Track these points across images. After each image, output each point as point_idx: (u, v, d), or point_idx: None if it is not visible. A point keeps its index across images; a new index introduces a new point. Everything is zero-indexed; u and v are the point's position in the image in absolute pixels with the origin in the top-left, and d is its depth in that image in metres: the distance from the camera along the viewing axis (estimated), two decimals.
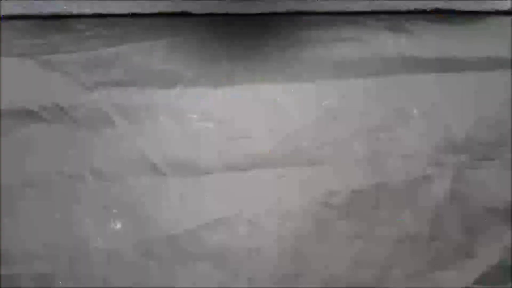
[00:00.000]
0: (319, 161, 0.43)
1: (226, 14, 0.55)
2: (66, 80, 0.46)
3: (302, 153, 0.43)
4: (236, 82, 0.48)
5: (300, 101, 0.47)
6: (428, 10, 0.56)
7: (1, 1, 0.53)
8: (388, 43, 0.53)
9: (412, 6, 0.55)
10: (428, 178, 0.42)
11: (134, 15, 0.53)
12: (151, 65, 0.49)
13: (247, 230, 0.39)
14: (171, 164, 0.42)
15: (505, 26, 0.57)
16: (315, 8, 0.55)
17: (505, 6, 0.57)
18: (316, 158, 0.43)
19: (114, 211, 0.39)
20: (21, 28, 0.52)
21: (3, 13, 0.52)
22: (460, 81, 0.49)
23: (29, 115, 0.44)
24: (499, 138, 0.45)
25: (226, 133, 0.44)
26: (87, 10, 0.52)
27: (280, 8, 0.55)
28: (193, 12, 0.54)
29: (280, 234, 0.39)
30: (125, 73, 0.47)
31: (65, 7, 0.52)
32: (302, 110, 0.46)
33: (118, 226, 0.39)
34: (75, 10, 0.52)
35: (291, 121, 0.45)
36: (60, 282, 0.38)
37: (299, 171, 0.42)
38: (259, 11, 0.54)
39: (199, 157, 0.43)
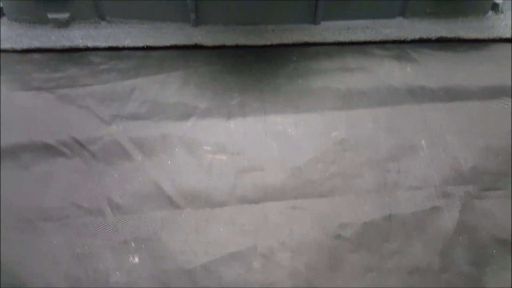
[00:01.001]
0: (330, 193, 0.43)
1: (237, 46, 0.55)
2: (83, 113, 0.46)
3: (313, 185, 0.43)
4: (248, 113, 0.48)
5: (310, 133, 0.46)
6: (432, 39, 0.56)
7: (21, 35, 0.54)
8: (394, 72, 0.53)
9: (417, 35, 0.55)
10: (437, 209, 0.42)
11: (148, 48, 0.54)
12: (165, 97, 0.49)
13: (261, 264, 0.38)
14: (186, 196, 0.42)
15: (508, 53, 0.57)
16: (322, 39, 0.54)
17: (507, 34, 0.57)
18: (327, 190, 0.43)
19: (132, 244, 0.40)
20: (39, 61, 0.52)
21: (22, 46, 0.53)
22: (466, 110, 0.48)
23: (48, 149, 0.43)
24: (506, 168, 0.44)
25: (239, 165, 0.44)
26: (103, 44, 0.52)
27: (288, 39, 0.54)
28: (205, 44, 0.53)
29: (293, 268, 0.39)
30: (141, 106, 0.47)
31: (81, 40, 0.53)
32: (312, 142, 0.45)
33: (136, 260, 0.39)
34: (91, 44, 0.52)
35: (302, 152, 0.44)
36: None
37: (310, 203, 0.42)
38: (268, 43, 0.55)
39: (213, 190, 0.42)
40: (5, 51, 0.51)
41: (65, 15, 0.52)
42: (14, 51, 0.51)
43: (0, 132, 0.44)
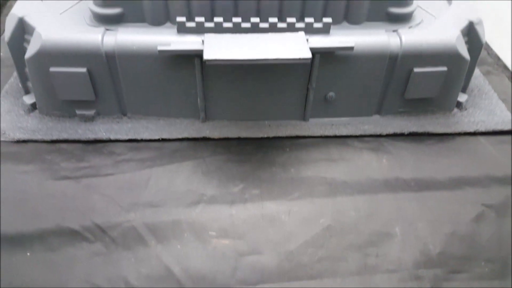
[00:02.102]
0: (319, 275, 0.48)
1: (239, 138, 0.63)
2: (106, 201, 0.52)
3: (303, 268, 0.48)
4: (248, 200, 0.55)
5: (301, 219, 0.52)
6: (405, 133, 0.65)
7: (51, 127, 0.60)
8: (372, 163, 0.60)
9: (391, 130, 0.64)
10: None
11: (163, 140, 0.61)
12: (177, 185, 0.55)
13: None
14: (193, 279, 0.47)
15: (472, 146, 0.65)
16: (310, 133, 0.63)
17: (471, 128, 0.66)
18: (316, 273, 0.48)
19: None
20: (67, 151, 0.59)
21: (51, 138, 0.60)
22: (434, 200, 0.55)
23: (73, 234, 0.49)
24: (470, 252, 0.51)
25: (239, 249, 0.49)
26: (124, 137, 0.60)
27: (282, 132, 0.63)
28: (212, 137, 0.62)
29: None
30: (156, 194, 0.54)
31: (104, 133, 0.60)
32: (303, 227, 0.52)
33: None
34: (113, 136, 0.60)
35: (294, 237, 0.51)
36: None
37: (301, 285, 0.47)
38: (265, 136, 0.63)
39: (217, 272, 0.47)
40: (36, 141, 0.58)
41: (91, 112, 0.59)
42: (44, 141, 0.58)
43: (29, 219, 0.50)
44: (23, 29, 0.57)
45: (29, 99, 0.61)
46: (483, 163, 0.60)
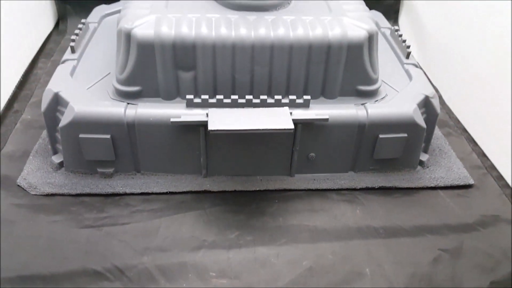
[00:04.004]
0: None
1: (235, 191, 0.75)
2: (123, 246, 0.64)
3: None
4: (242, 245, 0.66)
5: (287, 261, 0.64)
6: (375, 187, 0.78)
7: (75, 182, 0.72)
8: (347, 213, 0.73)
9: (364, 185, 0.76)
10: None
11: (171, 193, 0.73)
12: (182, 233, 0.67)
13: None
14: None
15: (432, 199, 0.78)
16: (295, 186, 0.75)
17: (432, 183, 0.79)
18: None
19: None
20: (89, 203, 0.71)
21: (75, 192, 0.72)
22: (400, 245, 0.68)
23: (97, 274, 0.60)
24: None
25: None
26: (137, 190, 0.72)
27: (272, 186, 0.75)
28: (212, 190, 0.74)
29: None
30: (164, 240, 0.65)
31: (121, 188, 0.72)
32: (289, 268, 0.63)
33: None
34: (128, 190, 0.72)
35: (282, 277, 0.61)
36: None
37: None
38: (257, 189, 0.76)
39: None
40: (63, 195, 0.70)
41: (110, 170, 0.72)
42: (70, 195, 0.70)
43: (59, 261, 0.60)
44: (57, 102, 0.70)
45: (57, 159, 0.74)
46: (441, 214, 0.73)
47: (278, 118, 0.66)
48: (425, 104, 0.76)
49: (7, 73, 0.94)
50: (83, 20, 0.88)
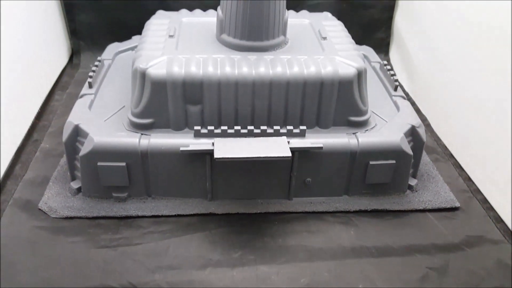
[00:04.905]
0: None
1: (238, 214, 0.82)
2: (137, 265, 0.70)
3: None
4: (245, 264, 0.72)
5: (287, 279, 0.70)
6: (368, 210, 0.84)
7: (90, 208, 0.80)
8: (342, 234, 0.79)
9: (357, 207, 0.83)
10: None
11: (179, 215, 0.80)
12: (190, 252, 0.73)
13: None
14: None
15: (421, 221, 0.84)
16: (293, 209, 0.82)
17: (420, 206, 0.85)
18: None
19: None
20: (104, 225, 0.78)
21: (92, 215, 0.79)
22: (390, 264, 0.74)
23: None
24: None
25: None
26: (148, 213, 0.79)
27: (272, 209, 0.82)
28: (217, 212, 0.81)
29: None
30: (174, 259, 0.72)
31: (134, 211, 0.79)
32: (288, 285, 0.69)
33: None
34: (140, 213, 0.79)
35: None
36: None
37: None
38: (258, 211, 0.82)
39: None
40: (81, 218, 0.77)
41: (124, 194, 0.79)
42: (87, 218, 0.77)
43: (78, 278, 0.67)
44: (77, 133, 0.79)
45: (75, 184, 0.81)
46: (429, 234, 0.79)
47: (277, 146, 0.74)
48: (412, 133, 0.83)
49: (26, 105, 1.03)
50: (98, 58, 0.98)
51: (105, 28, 1.28)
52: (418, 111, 1.14)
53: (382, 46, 1.36)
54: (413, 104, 1.17)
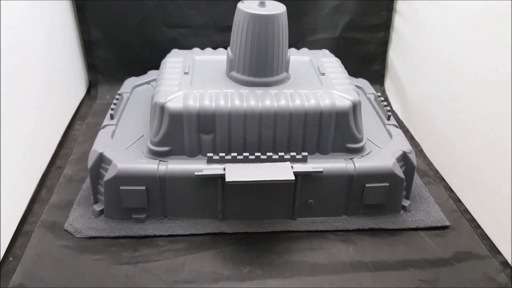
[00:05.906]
0: None
1: (246, 233, 0.90)
2: (156, 280, 0.77)
3: None
4: (254, 278, 0.80)
5: None
6: (365, 229, 0.92)
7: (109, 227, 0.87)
8: (342, 251, 0.87)
9: (356, 227, 0.91)
10: None
11: (193, 235, 0.88)
12: (203, 267, 0.81)
13: None
14: None
15: (414, 238, 0.92)
16: (297, 228, 0.90)
17: (413, 225, 0.93)
18: None
19: None
20: (125, 244, 0.86)
21: (114, 235, 0.87)
22: (386, 278, 0.81)
23: None
24: None
25: None
26: (165, 233, 0.87)
27: (277, 228, 0.90)
28: (227, 232, 0.89)
29: None
30: (189, 274, 0.79)
31: (152, 231, 0.88)
32: None
33: None
34: (157, 233, 0.87)
35: None
36: None
37: None
38: (265, 230, 0.90)
39: None
40: (103, 237, 0.85)
41: (143, 215, 0.88)
42: (109, 237, 0.85)
43: None
44: (101, 160, 0.88)
45: (98, 207, 0.90)
46: (421, 250, 0.86)
47: (281, 171, 0.83)
48: (403, 159, 0.92)
49: (49, 134, 1.12)
50: (118, 92, 1.08)
51: (121, 62, 1.40)
52: (411, 138, 1.24)
53: (377, 77, 1.47)
54: (407, 131, 1.27)
